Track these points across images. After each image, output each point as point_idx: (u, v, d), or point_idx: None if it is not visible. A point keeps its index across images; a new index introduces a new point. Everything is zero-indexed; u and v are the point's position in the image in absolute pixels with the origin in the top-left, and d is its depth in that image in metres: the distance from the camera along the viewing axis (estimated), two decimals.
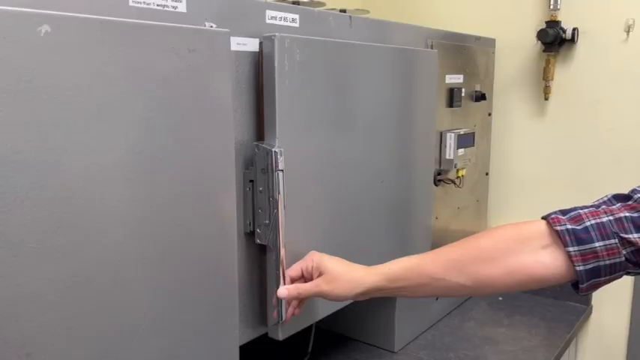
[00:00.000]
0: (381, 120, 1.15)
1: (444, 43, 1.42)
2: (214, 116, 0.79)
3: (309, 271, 0.91)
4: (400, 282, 0.86)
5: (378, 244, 1.18)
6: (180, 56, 0.72)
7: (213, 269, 0.82)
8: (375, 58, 1.11)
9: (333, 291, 0.88)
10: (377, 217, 1.18)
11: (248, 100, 0.88)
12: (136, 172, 0.69)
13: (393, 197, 1.22)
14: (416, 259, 0.87)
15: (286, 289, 0.89)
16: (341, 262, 0.91)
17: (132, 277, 0.70)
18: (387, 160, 1.19)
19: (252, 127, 0.90)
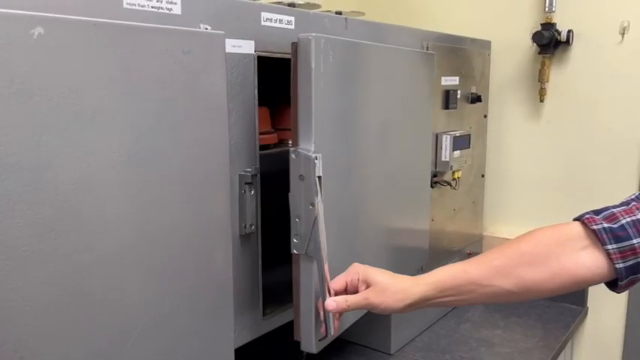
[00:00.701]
0: (390, 122, 1.14)
1: (440, 45, 1.42)
2: (209, 118, 0.78)
3: (354, 283, 0.88)
4: (448, 291, 0.84)
5: (379, 247, 1.18)
6: (175, 58, 0.72)
7: (208, 272, 0.82)
8: (387, 60, 1.11)
9: (382, 303, 0.86)
10: (381, 221, 1.17)
11: (243, 102, 0.88)
12: (129, 174, 0.69)
13: (395, 200, 1.21)
14: (460, 266, 0.86)
15: (334, 301, 0.85)
16: (387, 273, 0.88)
17: (125, 281, 0.70)
18: (396, 162, 1.18)
19: (247, 130, 0.90)
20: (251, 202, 0.90)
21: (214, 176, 0.80)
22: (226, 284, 0.85)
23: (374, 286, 0.86)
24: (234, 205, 0.89)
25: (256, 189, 0.91)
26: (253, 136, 0.91)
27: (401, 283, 0.87)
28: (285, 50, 0.96)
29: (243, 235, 0.91)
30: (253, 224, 0.91)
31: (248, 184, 0.89)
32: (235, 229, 0.89)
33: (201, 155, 0.78)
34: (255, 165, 0.91)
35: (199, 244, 0.79)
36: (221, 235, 0.83)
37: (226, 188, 0.83)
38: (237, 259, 0.90)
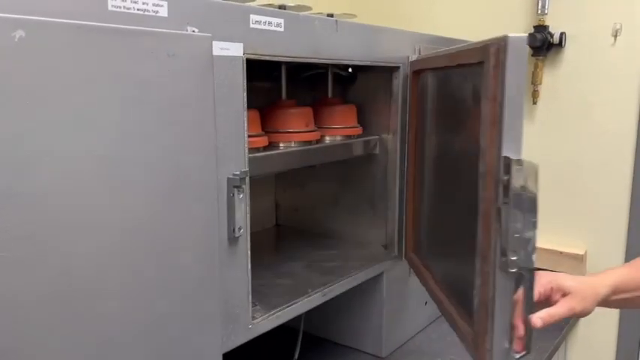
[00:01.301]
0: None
1: (432, 48, 1.41)
2: (195, 121, 0.78)
3: (546, 294, 0.86)
4: (621, 294, 0.86)
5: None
6: (160, 61, 0.71)
7: (194, 277, 0.81)
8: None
9: (584, 310, 0.84)
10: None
11: (231, 105, 0.88)
12: (112, 178, 0.68)
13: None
14: (624, 269, 0.86)
15: (540, 318, 0.80)
16: (575, 277, 0.87)
17: (108, 287, 0.69)
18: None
19: (236, 133, 0.89)
20: (240, 205, 0.90)
21: (201, 180, 0.80)
22: (213, 289, 0.84)
23: (573, 294, 0.85)
24: (223, 209, 0.88)
25: (245, 192, 0.91)
26: (242, 139, 0.90)
27: (591, 284, 0.87)
28: (275, 52, 0.96)
29: (232, 238, 0.90)
30: (242, 228, 0.91)
31: (236, 188, 0.89)
32: (224, 233, 0.89)
33: (187, 158, 0.77)
34: (243, 168, 0.90)
35: (186, 248, 0.79)
36: (208, 239, 0.82)
37: (213, 192, 0.82)
38: (226, 263, 0.90)
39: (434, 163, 1.20)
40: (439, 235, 1.16)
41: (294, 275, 1.21)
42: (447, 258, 1.10)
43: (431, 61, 1.20)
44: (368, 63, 1.21)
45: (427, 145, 1.24)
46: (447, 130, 1.13)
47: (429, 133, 1.23)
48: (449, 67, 1.07)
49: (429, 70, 1.21)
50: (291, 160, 1.12)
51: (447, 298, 1.04)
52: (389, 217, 1.38)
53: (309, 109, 1.19)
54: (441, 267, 1.13)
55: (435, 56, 1.16)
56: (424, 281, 1.20)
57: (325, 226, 1.53)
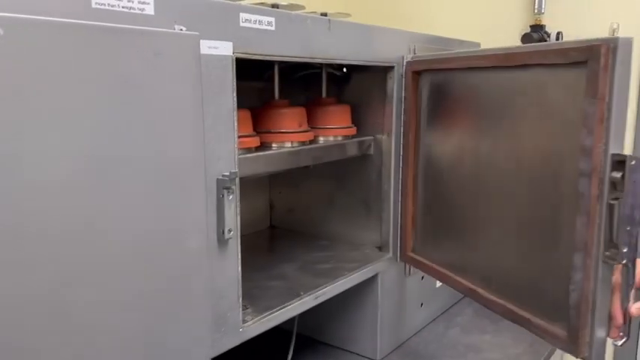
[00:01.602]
0: None
1: (428, 47, 1.40)
2: (183, 122, 0.76)
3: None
4: None
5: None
6: (146, 60, 0.70)
7: (182, 280, 0.80)
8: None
9: None
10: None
11: (221, 105, 0.86)
12: (96, 180, 0.67)
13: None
14: None
15: (637, 308, 0.83)
16: None
17: (94, 293, 0.68)
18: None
19: (225, 133, 0.88)
20: (229, 206, 0.88)
21: (189, 181, 0.78)
22: (202, 292, 0.83)
23: None
24: (212, 210, 0.86)
25: (235, 193, 0.89)
26: (232, 140, 0.89)
27: None
28: (266, 52, 0.94)
29: (221, 240, 0.89)
30: (232, 230, 0.89)
31: (226, 189, 0.87)
32: (213, 235, 0.87)
33: (174, 159, 0.76)
34: (233, 169, 0.88)
35: (173, 250, 0.77)
36: (197, 241, 0.81)
37: (202, 193, 0.81)
38: (216, 266, 0.88)
39: (455, 164, 1.19)
40: (478, 237, 1.14)
41: (286, 277, 1.20)
42: (496, 260, 1.09)
43: (449, 61, 1.18)
44: (362, 63, 1.19)
45: (437, 146, 1.24)
46: (480, 132, 1.13)
47: (442, 135, 1.23)
48: (491, 67, 1.08)
49: (442, 71, 1.20)
50: (283, 161, 1.10)
51: (503, 298, 1.05)
52: (383, 219, 1.37)
53: (302, 109, 1.18)
54: (483, 270, 1.12)
55: (463, 56, 1.14)
56: (450, 282, 1.21)
57: (320, 228, 1.52)
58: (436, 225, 1.26)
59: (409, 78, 1.29)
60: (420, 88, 1.28)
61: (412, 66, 1.28)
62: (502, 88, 1.09)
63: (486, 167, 1.12)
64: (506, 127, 1.07)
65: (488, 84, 1.12)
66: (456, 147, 1.19)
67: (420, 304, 1.50)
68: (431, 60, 1.24)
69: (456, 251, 1.21)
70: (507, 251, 1.07)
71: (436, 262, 1.26)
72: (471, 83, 1.15)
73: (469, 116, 1.17)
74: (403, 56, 1.30)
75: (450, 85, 1.21)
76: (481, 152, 1.13)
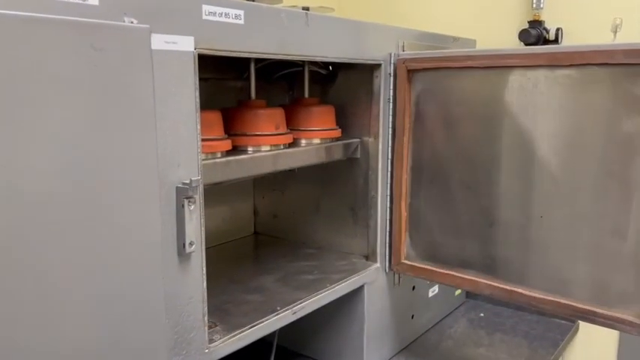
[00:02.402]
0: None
1: (419, 44, 1.32)
2: (130, 124, 0.68)
3: None
4: None
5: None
6: (84, 55, 0.62)
7: (133, 301, 0.72)
8: None
9: None
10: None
11: (180, 106, 0.78)
12: (31, 190, 0.59)
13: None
14: None
15: None
16: None
17: (46, 308, 0.60)
18: None
19: (187, 136, 0.80)
20: (191, 217, 0.80)
21: (139, 190, 0.71)
22: (158, 313, 0.75)
23: None
24: (171, 222, 0.79)
25: (198, 203, 0.82)
26: (194, 144, 0.81)
27: None
28: (234, 47, 0.86)
29: (182, 255, 0.81)
30: (195, 243, 0.81)
31: (187, 198, 0.79)
32: (172, 249, 0.79)
33: (122, 166, 0.68)
34: (195, 176, 0.80)
35: (121, 269, 0.70)
36: (150, 257, 0.73)
37: (154, 203, 0.73)
38: (176, 283, 0.81)
39: (474, 164, 1.15)
40: (513, 236, 1.11)
41: (264, 290, 1.12)
42: (542, 257, 1.07)
43: (462, 60, 1.12)
44: (345, 60, 1.11)
45: (444, 148, 1.18)
46: (499, 133, 1.11)
47: (449, 137, 1.17)
48: (517, 67, 1.06)
49: (447, 70, 1.14)
50: (257, 166, 1.02)
51: (554, 294, 1.05)
52: (370, 226, 1.28)
53: (280, 110, 1.10)
54: (521, 268, 1.10)
55: (488, 55, 1.09)
56: (469, 285, 1.17)
57: (305, 235, 1.44)
58: (445, 227, 1.20)
59: (403, 77, 1.21)
60: (415, 88, 1.21)
61: (406, 64, 1.20)
62: (526, 87, 1.06)
63: (518, 164, 1.08)
64: (530, 126, 1.06)
65: (507, 84, 1.08)
66: (470, 148, 1.14)
67: (410, 316, 1.42)
68: (433, 58, 1.16)
69: (478, 253, 1.16)
70: (558, 248, 1.05)
71: (447, 267, 1.20)
72: (489, 83, 1.10)
73: (481, 117, 1.12)
74: (391, 53, 1.22)
75: (456, 85, 1.14)
76: (503, 151, 1.10)
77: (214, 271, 1.22)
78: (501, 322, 1.56)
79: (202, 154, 0.91)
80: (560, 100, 1.02)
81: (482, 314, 1.61)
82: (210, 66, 1.24)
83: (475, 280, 1.15)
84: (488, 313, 1.62)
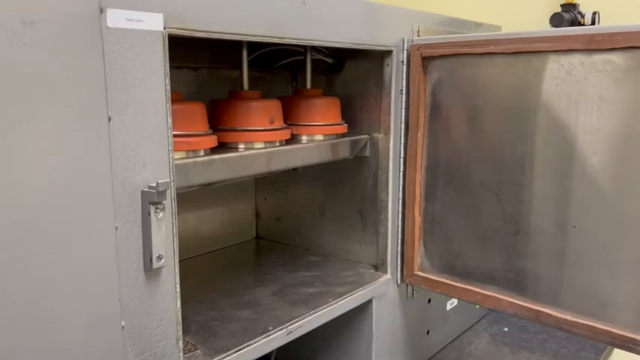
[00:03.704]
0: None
1: (435, 29, 1.18)
2: (72, 117, 0.56)
3: None
4: None
5: None
6: (10, 31, 0.50)
7: (94, 326, 0.60)
8: None
9: None
10: None
11: (147, 95, 0.66)
12: None
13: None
14: None
15: None
16: None
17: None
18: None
19: (155, 131, 0.68)
20: (159, 227, 0.68)
21: (84, 195, 0.59)
22: (115, 343, 0.63)
23: None
24: (136, 233, 0.67)
25: (168, 210, 0.70)
26: (163, 140, 0.69)
27: None
28: (214, 28, 0.74)
29: (149, 271, 0.69)
30: (164, 256, 0.69)
31: (154, 205, 0.67)
32: (137, 265, 0.67)
33: (58, 167, 0.56)
34: (162, 178, 0.68)
35: (67, 293, 0.58)
36: (101, 276, 0.61)
37: (106, 211, 0.61)
38: (143, 303, 0.69)
39: (499, 164, 1.01)
40: (544, 248, 0.96)
41: (258, 305, 0.99)
42: (576, 274, 0.93)
43: (484, 44, 0.98)
44: (349, 45, 0.98)
45: (464, 146, 1.04)
46: (529, 126, 0.96)
47: (469, 133, 1.03)
48: (551, 51, 0.91)
49: (474, 56, 1.00)
50: (247, 166, 0.90)
51: (588, 318, 0.91)
52: (380, 232, 1.15)
53: (276, 103, 0.97)
54: (551, 286, 0.96)
55: (517, 38, 0.95)
56: (490, 302, 1.03)
57: (309, 240, 1.31)
58: (463, 236, 1.06)
59: (417, 65, 1.07)
60: (431, 77, 1.07)
61: (421, 50, 1.06)
62: (559, 75, 0.91)
63: (552, 166, 0.94)
64: (564, 121, 0.91)
65: (537, 72, 0.94)
66: (493, 146, 1.00)
67: (425, 332, 1.28)
68: (451, 43, 1.02)
69: (501, 265, 1.02)
70: (596, 263, 0.90)
71: (466, 281, 1.07)
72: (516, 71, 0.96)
73: (506, 111, 0.98)
74: (404, 39, 1.08)
75: (477, 74, 1.00)
76: (532, 149, 0.95)
77: (204, 282, 1.11)
78: (528, 339, 1.41)
79: (180, 152, 0.80)
80: (599, 89, 0.87)
81: (506, 329, 1.47)
82: (200, 52, 1.12)
83: (497, 297, 1.01)
84: (512, 328, 1.47)
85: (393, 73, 1.08)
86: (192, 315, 0.94)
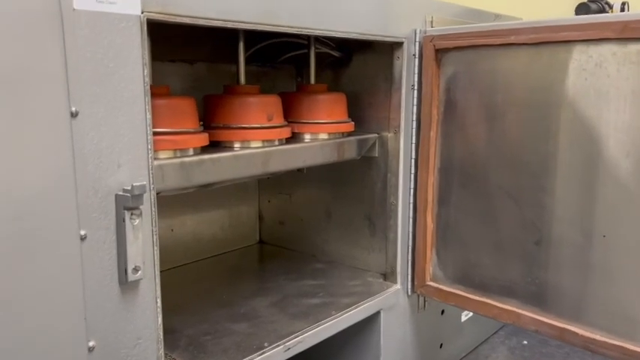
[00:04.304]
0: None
1: (451, 20, 1.09)
2: (28, 111, 0.49)
3: None
4: None
5: None
6: None
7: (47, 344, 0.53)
8: None
9: None
10: None
11: (120, 87, 0.59)
12: None
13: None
14: None
15: None
16: None
17: None
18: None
19: (130, 129, 0.61)
20: (136, 235, 0.61)
21: (48, 200, 0.52)
22: None
23: None
24: (109, 242, 0.60)
25: (145, 216, 0.62)
26: (141, 138, 0.62)
27: None
28: (199, 13, 0.66)
29: (124, 284, 0.62)
30: (141, 268, 0.62)
31: (129, 210, 0.60)
32: (111, 278, 0.60)
33: (20, 169, 0.49)
34: (139, 181, 0.61)
35: (35, 306, 0.51)
36: (64, 292, 0.54)
37: (70, 218, 0.54)
38: (118, 321, 0.62)
39: (520, 166, 0.92)
40: (571, 259, 0.87)
41: (255, 317, 0.92)
42: (605, 288, 0.84)
43: (503, 34, 0.89)
44: (354, 36, 0.90)
45: (481, 146, 0.96)
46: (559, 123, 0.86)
47: (487, 131, 0.95)
48: (579, 41, 0.82)
49: (493, 48, 0.91)
50: (242, 166, 0.82)
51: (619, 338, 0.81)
52: (389, 239, 1.07)
53: (275, 98, 0.90)
54: (575, 301, 0.87)
55: (542, 26, 0.85)
56: (509, 317, 0.94)
57: (315, 246, 1.23)
58: (480, 244, 0.98)
59: (430, 58, 0.98)
60: (445, 71, 0.98)
61: (434, 42, 0.98)
62: (587, 68, 0.82)
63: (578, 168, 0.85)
64: (592, 119, 0.82)
65: (562, 64, 0.84)
66: (513, 145, 0.91)
67: (438, 345, 1.20)
68: (468, 34, 0.93)
69: (521, 277, 0.93)
70: (627, 277, 0.81)
71: (482, 293, 0.98)
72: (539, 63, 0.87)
73: (528, 107, 0.89)
74: (416, 30, 1.00)
75: (496, 67, 0.91)
76: (556, 150, 0.86)
77: (200, 291, 1.03)
78: (549, 354, 1.32)
79: (166, 152, 0.73)
80: (633, 83, 0.78)
81: (525, 342, 1.37)
82: (197, 44, 1.05)
83: (517, 311, 0.92)
84: (532, 341, 1.38)
85: (404, 67, 1.00)
86: (182, 328, 0.87)
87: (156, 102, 0.73)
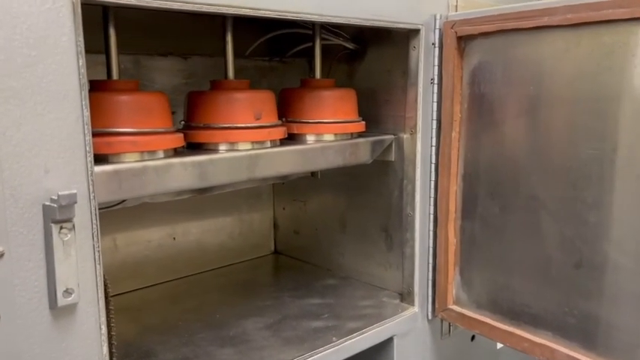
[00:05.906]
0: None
1: (479, 2, 0.95)
2: None
3: None
4: None
5: None
6: None
7: None
8: None
9: None
10: None
11: (47, 80, 0.50)
12: None
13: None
14: None
15: None
16: None
17: None
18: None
19: (59, 128, 0.52)
20: (67, 253, 0.52)
21: None
22: None
23: None
24: (37, 260, 0.51)
25: (81, 230, 0.53)
26: (78, 139, 0.53)
27: None
28: None
29: (55, 309, 0.53)
30: (74, 290, 0.53)
31: (58, 223, 0.51)
32: (39, 301, 0.52)
33: None
34: (73, 188, 0.52)
35: None
36: None
37: None
38: (49, 350, 0.53)
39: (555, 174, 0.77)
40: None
41: (244, 342, 0.81)
42: None
43: (555, 13, 0.73)
44: (360, 22, 0.78)
45: (512, 149, 0.82)
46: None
47: (518, 132, 0.81)
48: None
49: (525, 32, 0.77)
50: (220, 172, 0.72)
51: None
52: (406, 254, 0.94)
53: (267, 94, 0.79)
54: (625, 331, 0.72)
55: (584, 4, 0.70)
56: (538, 351, 0.80)
57: (330, 259, 1.12)
58: (509, 264, 0.84)
59: (451, 47, 0.85)
60: (469, 62, 0.85)
61: (456, 28, 0.84)
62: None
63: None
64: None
65: (608, 49, 0.69)
66: (551, 148, 0.77)
67: None
68: (495, 17, 0.79)
69: (557, 306, 0.79)
70: None
71: (511, 322, 0.85)
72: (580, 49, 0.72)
73: (567, 103, 0.75)
74: (435, 15, 0.87)
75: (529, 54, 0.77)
76: (603, 154, 0.71)
77: (191, 308, 0.93)
78: None
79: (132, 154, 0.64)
80: None
81: None
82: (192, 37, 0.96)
83: (551, 346, 0.78)
84: None
85: (421, 58, 0.87)
86: (161, 351, 0.78)
87: (116, 98, 0.65)
